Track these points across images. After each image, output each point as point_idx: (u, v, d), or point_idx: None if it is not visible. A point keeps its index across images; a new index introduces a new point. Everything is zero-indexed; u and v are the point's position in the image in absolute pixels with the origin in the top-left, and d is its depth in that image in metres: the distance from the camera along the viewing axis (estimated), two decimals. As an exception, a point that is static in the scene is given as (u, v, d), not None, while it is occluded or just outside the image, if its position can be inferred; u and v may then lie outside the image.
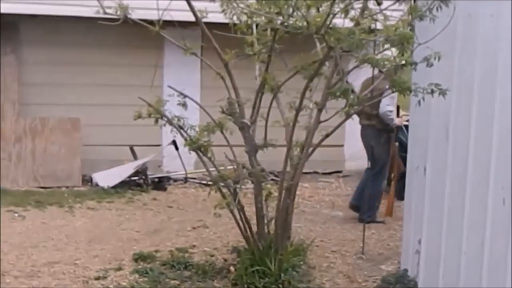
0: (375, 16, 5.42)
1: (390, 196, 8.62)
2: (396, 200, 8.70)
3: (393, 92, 6.19)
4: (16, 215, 8.23)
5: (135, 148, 10.33)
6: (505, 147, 4.70)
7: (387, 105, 7.96)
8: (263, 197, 6.27)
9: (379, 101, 7.73)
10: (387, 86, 6.36)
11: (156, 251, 6.93)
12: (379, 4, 5.39)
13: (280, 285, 6.01)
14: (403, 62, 5.49)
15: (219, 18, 5.70)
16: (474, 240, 5.08)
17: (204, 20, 5.84)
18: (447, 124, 5.50)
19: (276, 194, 6.23)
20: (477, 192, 5.05)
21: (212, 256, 6.88)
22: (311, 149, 6.07)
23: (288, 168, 6.16)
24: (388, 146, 8.34)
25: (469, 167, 5.16)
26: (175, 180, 10.56)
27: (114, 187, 9.77)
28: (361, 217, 8.28)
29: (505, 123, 4.71)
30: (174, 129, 6.18)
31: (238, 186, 6.06)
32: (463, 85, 5.27)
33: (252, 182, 6.34)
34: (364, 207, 8.35)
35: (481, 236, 4.95)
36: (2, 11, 9.34)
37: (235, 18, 5.79)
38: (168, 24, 6.02)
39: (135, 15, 5.77)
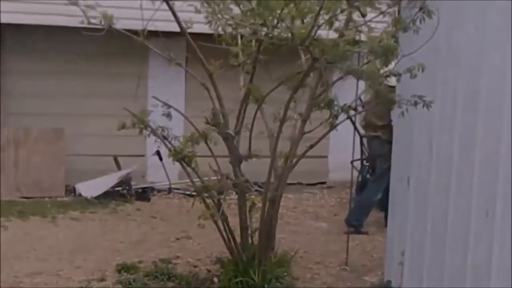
0: (359, 28, 5.44)
1: None
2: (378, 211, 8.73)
3: (377, 104, 6.20)
4: (-2, 225, 8.19)
5: (119, 158, 10.30)
6: (489, 159, 4.72)
7: None
8: (247, 208, 6.27)
9: (386, 113, 7.77)
10: None
11: (140, 262, 6.90)
12: (363, 16, 5.41)
13: (264, 296, 6.01)
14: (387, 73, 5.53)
15: (204, 29, 5.70)
16: (458, 252, 5.09)
17: (189, 30, 5.83)
18: (430, 135, 5.52)
19: (260, 205, 6.23)
20: (460, 204, 5.07)
21: (195, 267, 6.86)
22: (295, 160, 6.07)
23: (272, 179, 6.16)
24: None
25: (452, 178, 5.18)
26: (159, 191, 10.52)
27: (98, 197, 9.72)
28: (348, 219, 8.30)
29: (489, 135, 4.74)
30: (158, 140, 6.17)
31: (222, 197, 6.06)
32: (447, 97, 5.29)
33: (236, 193, 6.33)
34: (354, 212, 8.37)
35: (465, 248, 4.97)
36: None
37: (220, 29, 5.79)
38: (153, 34, 6.01)
39: (119, 25, 5.76)
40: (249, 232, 6.30)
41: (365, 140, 9.49)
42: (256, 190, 6.51)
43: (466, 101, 5.02)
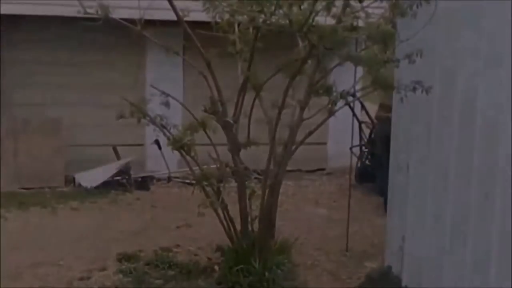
0: (357, 14, 5.42)
1: None
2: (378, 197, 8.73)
3: (374, 89, 6.18)
4: (-2, 216, 8.20)
5: (118, 148, 10.30)
6: (488, 142, 4.72)
7: None
8: (246, 196, 6.27)
9: None
10: None
11: (140, 251, 6.91)
12: (360, 1, 5.39)
13: (265, 284, 6.00)
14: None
15: (201, 16, 5.68)
16: (457, 236, 5.10)
17: (186, 19, 5.82)
18: (429, 121, 5.52)
19: (259, 192, 6.23)
20: (460, 188, 5.07)
21: (196, 255, 6.88)
22: (294, 147, 6.07)
23: (272, 166, 6.16)
24: None
25: (451, 163, 5.18)
26: (159, 180, 10.53)
27: (97, 187, 9.74)
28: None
29: (488, 118, 4.74)
30: (157, 129, 6.17)
31: (221, 185, 6.06)
32: (446, 82, 5.28)
33: (236, 181, 6.33)
34: None
35: (464, 232, 4.98)
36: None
37: (217, 17, 5.77)
38: (150, 23, 5.99)
39: (116, 14, 5.74)
40: (249, 219, 6.30)
41: (364, 127, 9.48)
42: (255, 178, 6.53)
43: (465, 84, 5.02)
